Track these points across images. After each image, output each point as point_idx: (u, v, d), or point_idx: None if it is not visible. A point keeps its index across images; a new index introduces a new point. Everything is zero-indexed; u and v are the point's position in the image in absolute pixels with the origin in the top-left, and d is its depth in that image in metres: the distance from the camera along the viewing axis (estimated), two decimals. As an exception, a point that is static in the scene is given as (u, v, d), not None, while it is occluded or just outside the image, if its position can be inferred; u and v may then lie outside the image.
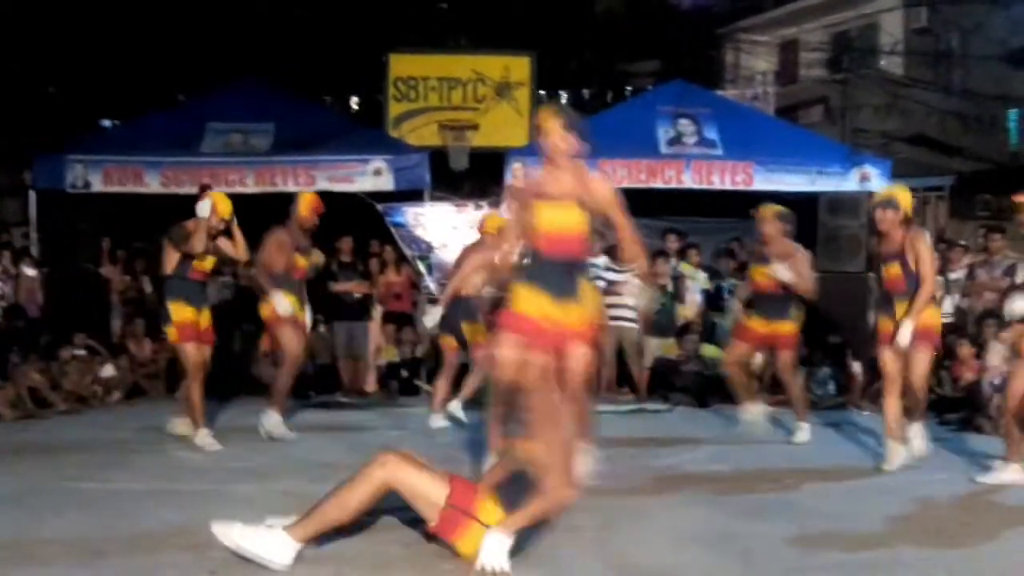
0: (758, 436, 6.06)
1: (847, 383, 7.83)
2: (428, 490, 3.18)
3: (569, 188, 4.13)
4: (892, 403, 5.13)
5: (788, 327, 6.02)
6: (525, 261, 4.26)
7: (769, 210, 6.06)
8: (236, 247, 5.95)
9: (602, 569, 3.18)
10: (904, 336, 4.93)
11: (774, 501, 4.34)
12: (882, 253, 5.21)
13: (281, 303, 5.90)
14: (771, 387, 7.34)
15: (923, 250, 5.01)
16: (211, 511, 3.95)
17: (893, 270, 5.09)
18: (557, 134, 4.10)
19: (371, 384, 8.41)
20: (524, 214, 4.17)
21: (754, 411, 6.16)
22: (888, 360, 5.11)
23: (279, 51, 13.38)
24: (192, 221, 5.67)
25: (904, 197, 5.18)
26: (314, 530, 3.16)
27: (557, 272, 4.11)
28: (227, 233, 5.85)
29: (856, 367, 7.79)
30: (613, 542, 3.57)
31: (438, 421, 6.34)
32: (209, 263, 5.74)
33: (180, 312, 5.59)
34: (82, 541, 3.49)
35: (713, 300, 8.72)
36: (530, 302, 4.10)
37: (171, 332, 5.61)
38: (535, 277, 4.14)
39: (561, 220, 4.11)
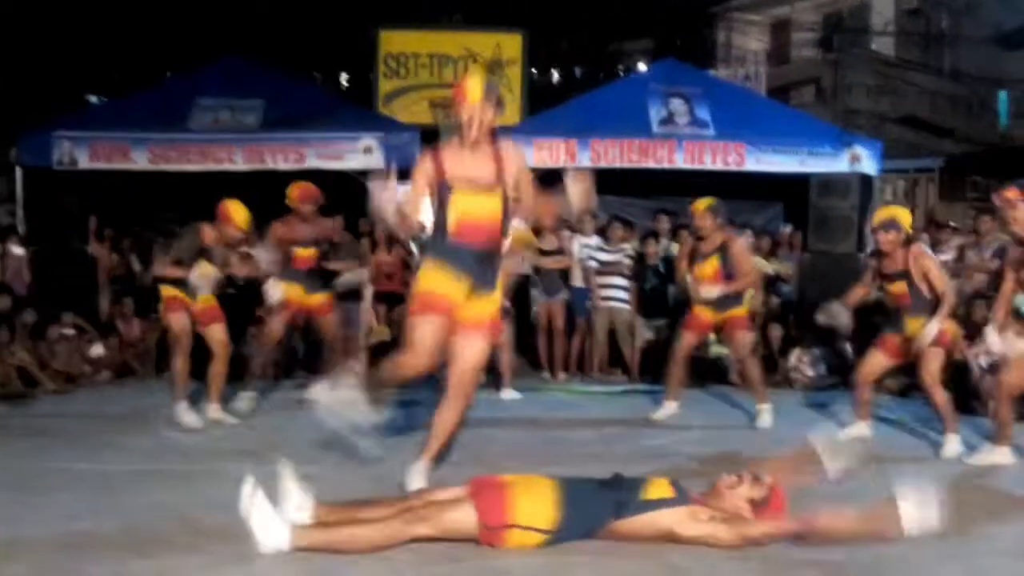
0: (745, 417, 6.09)
1: (839, 364, 7.87)
2: (457, 527, 3.10)
3: (489, 172, 3.80)
4: (864, 393, 5.41)
5: (740, 311, 5.92)
6: (428, 238, 3.97)
7: (702, 204, 5.89)
8: (243, 266, 5.78)
9: (598, 545, 3.19)
10: (928, 336, 4.99)
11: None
12: (884, 271, 5.27)
13: (271, 293, 5.91)
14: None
15: (930, 266, 5.05)
16: (202, 491, 3.96)
17: (898, 287, 5.16)
18: (482, 106, 3.73)
19: (362, 364, 8.38)
20: (436, 197, 3.87)
21: (670, 408, 6.01)
22: (876, 365, 5.30)
23: (269, 27, 13.22)
24: (209, 230, 5.49)
25: (904, 216, 5.19)
26: (321, 547, 3.06)
27: (471, 260, 3.83)
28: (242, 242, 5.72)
29: (847, 349, 7.82)
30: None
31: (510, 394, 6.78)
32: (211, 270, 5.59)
33: (168, 290, 5.56)
34: (71, 522, 3.47)
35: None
36: (438, 281, 3.83)
37: (161, 308, 5.63)
38: (445, 257, 3.86)
39: (479, 209, 3.80)
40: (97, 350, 7.79)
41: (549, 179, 9.04)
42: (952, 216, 10.32)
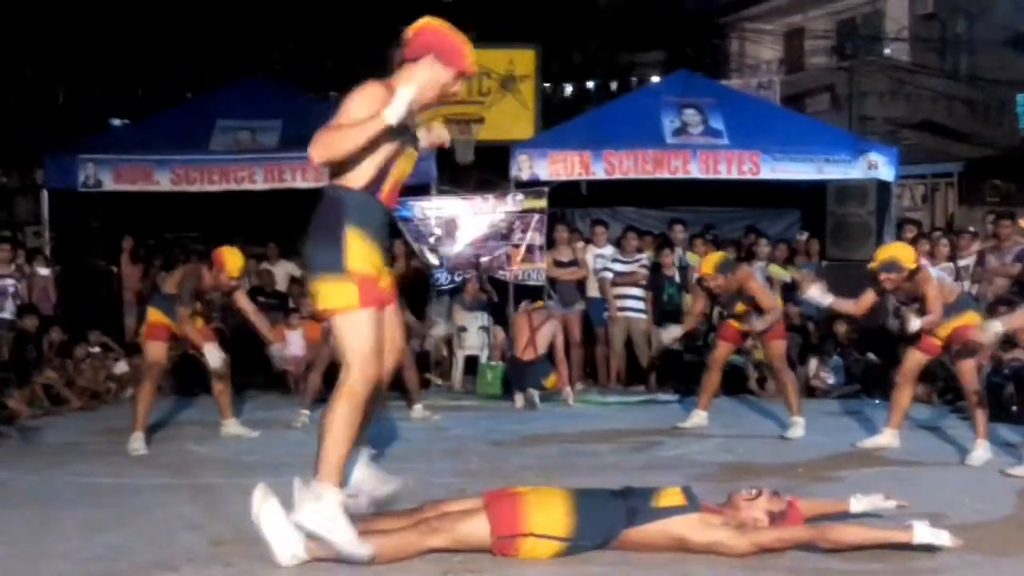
0: (767, 428, 6.07)
1: (858, 372, 7.82)
2: (471, 537, 3.12)
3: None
4: (904, 395, 5.34)
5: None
6: (348, 192, 3.06)
7: (709, 266, 5.88)
8: (251, 315, 5.86)
9: (615, 556, 3.21)
10: (916, 323, 5.03)
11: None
12: (898, 299, 5.43)
13: (277, 357, 6.60)
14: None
15: (929, 290, 5.05)
16: (225, 505, 4.01)
17: (920, 309, 5.17)
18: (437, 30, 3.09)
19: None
20: (377, 146, 3.01)
21: (699, 417, 6.06)
22: (916, 361, 5.28)
23: (286, 48, 13.43)
24: (207, 273, 5.58)
25: (904, 255, 5.14)
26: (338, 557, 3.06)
27: (385, 230, 3.21)
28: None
29: (870, 356, 7.78)
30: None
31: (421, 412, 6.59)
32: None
33: (155, 316, 5.61)
34: (97, 535, 3.53)
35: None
36: (373, 261, 3.08)
37: (143, 332, 5.68)
38: (373, 226, 3.09)
39: (408, 171, 3.19)
40: (122, 367, 7.92)
41: (563, 187, 9.07)
42: (972, 221, 10.23)
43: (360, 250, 3.03)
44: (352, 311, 3.01)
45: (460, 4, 14.19)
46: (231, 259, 5.56)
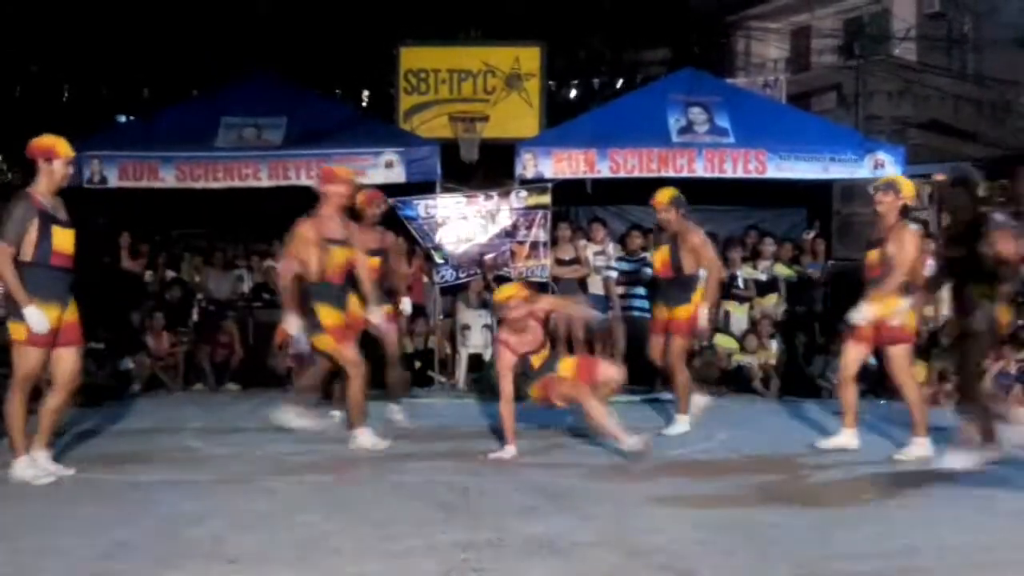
0: (770, 425, 6.05)
1: (862, 372, 7.78)
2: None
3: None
4: (849, 392, 5.29)
5: (683, 312, 5.81)
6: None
7: (664, 195, 5.80)
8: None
9: (618, 556, 3.20)
10: (861, 315, 4.97)
11: (788, 488, 4.35)
12: (869, 238, 5.27)
13: (298, 342, 6.27)
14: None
15: (906, 239, 4.98)
16: (230, 501, 4.02)
17: (872, 256, 5.12)
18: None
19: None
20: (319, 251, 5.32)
21: (699, 402, 5.97)
22: (852, 355, 5.20)
23: (291, 46, 13.42)
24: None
25: (907, 186, 5.14)
26: None
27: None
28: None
29: (871, 361, 7.74)
30: (628, 530, 3.59)
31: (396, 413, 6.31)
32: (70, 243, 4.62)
33: (330, 315, 5.24)
34: (100, 533, 3.53)
35: (725, 289, 8.70)
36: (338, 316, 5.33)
37: (18, 330, 4.41)
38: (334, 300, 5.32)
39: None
40: (127, 364, 7.93)
41: (568, 186, 9.04)
42: (978, 221, 10.17)
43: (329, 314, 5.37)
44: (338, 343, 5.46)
45: (466, 2, 14.21)
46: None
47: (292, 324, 5.37)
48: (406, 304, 6.40)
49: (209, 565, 3.13)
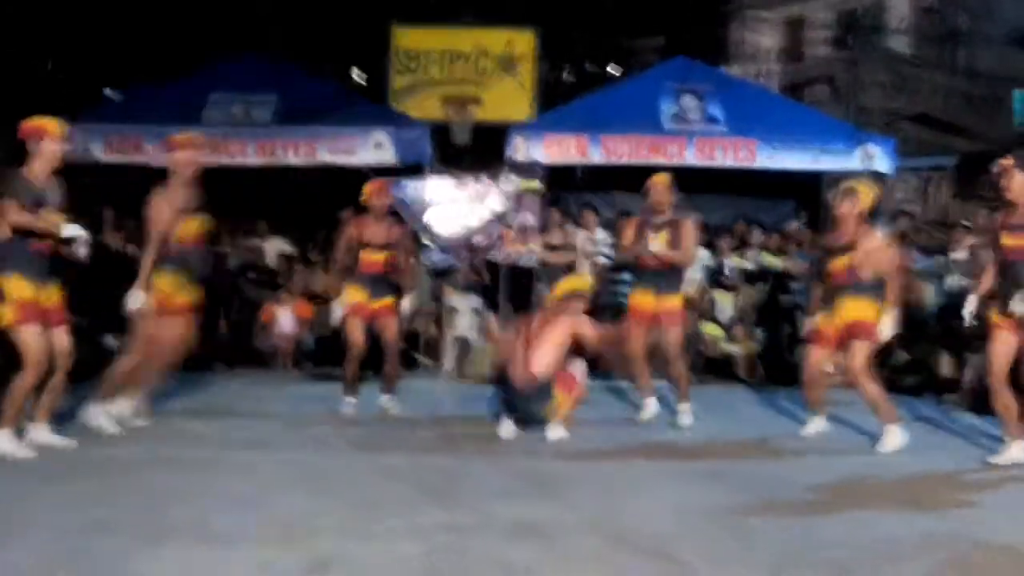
0: (753, 413, 6.09)
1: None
2: None
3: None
4: (816, 393, 5.32)
5: (674, 301, 5.76)
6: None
7: (661, 179, 5.80)
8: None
9: (601, 540, 3.21)
10: (887, 330, 4.98)
11: (774, 476, 4.37)
12: (831, 246, 5.23)
13: (334, 314, 6.08)
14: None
15: (885, 248, 5.04)
16: (212, 477, 4.01)
17: (840, 263, 5.08)
18: None
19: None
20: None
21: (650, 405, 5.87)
22: (815, 359, 5.21)
23: (283, 23, 13.27)
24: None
25: (866, 194, 5.13)
26: None
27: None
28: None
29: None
30: (612, 514, 3.61)
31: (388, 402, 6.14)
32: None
33: (18, 289, 4.44)
34: (86, 505, 3.52)
35: (714, 277, 8.73)
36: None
37: (5, 312, 4.38)
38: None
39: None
40: (110, 341, 7.86)
41: (558, 172, 9.05)
42: (965, 215, 10.24)
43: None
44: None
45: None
46: None
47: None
48: (406, 304, 6.22)
49: (192, 543, 3.12)
